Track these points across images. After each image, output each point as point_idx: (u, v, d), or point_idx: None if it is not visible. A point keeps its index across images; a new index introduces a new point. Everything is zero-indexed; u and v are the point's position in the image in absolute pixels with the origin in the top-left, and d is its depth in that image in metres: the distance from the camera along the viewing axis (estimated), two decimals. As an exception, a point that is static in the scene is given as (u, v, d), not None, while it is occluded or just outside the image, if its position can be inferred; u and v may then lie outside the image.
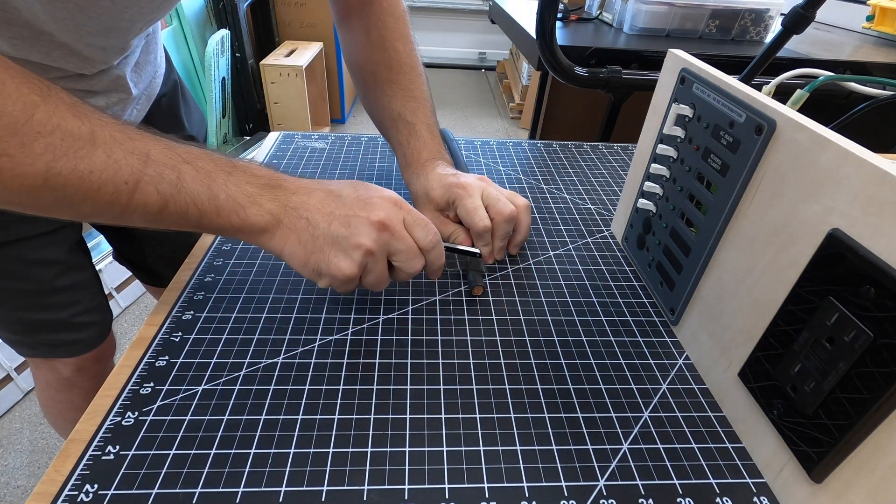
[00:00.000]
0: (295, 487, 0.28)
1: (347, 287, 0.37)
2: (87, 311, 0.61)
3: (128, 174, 0.30)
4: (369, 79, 0.54)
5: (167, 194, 0.32)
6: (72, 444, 0.30)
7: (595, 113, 1.46)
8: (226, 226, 0.34)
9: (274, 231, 0.35)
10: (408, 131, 0.51)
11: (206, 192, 0.33)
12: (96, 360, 0.65)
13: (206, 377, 0.35)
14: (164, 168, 0.32)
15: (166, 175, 0.32)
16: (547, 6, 0.79)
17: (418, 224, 0.38)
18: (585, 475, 0.30)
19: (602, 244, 0.52)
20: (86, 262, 0.61)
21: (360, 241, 0.35)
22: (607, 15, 1.18)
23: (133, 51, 0.51)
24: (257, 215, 0.35)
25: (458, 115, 3.01)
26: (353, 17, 0.54)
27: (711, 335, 0.36)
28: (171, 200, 0.32)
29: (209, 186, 0.33)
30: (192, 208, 0.33)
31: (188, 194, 0.32)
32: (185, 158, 0.33)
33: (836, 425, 0.25)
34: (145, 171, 0.31)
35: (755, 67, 0.68)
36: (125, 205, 0.31)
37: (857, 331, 0.24)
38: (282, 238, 0.36)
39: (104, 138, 0.30)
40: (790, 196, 0.29)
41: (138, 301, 1.51)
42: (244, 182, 0.35)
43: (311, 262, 0.35)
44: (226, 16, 2.02)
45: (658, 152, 0.43)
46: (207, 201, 0.33)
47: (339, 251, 0.35)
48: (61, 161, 0.28)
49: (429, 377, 0.36)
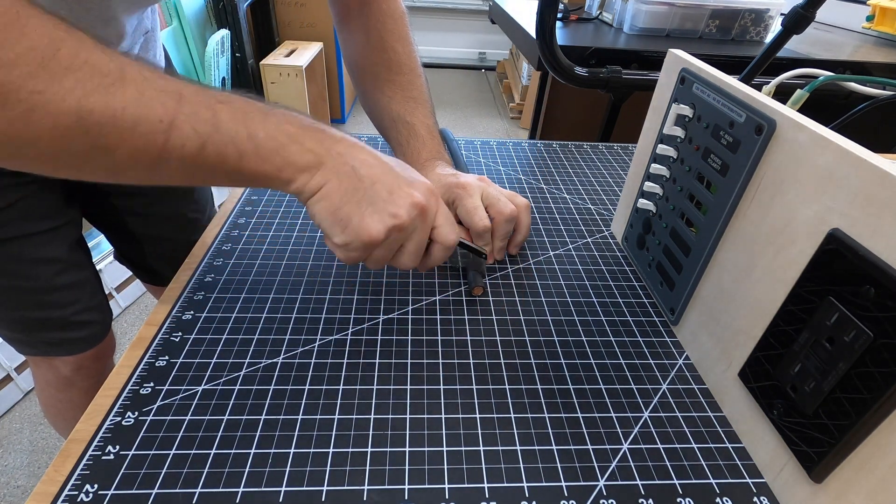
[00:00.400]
0: (295, 487, 0.28)
1: (359, 254, 0.36)
2: (87, 310, 0.61)
3: (162, 112, 0.29)
4: (368, 80, 0.54)
5: (204, 134, 0.30)
6: (72, 444, 0.30)
7: (595, 113, 1.46)
8: (266, 167, 0.33)
9: (314, 171, 0.34)
10: (407, 132, 0.51)
11: (245, 130, 0.31)
12: (96, 358, 0.65)
13: (206, 377, 0.35)
14: (199, 107, 0.30)
15: (202, 114, 0.30)
16: (547, 6, 0.79)
17: (447, 219, 0.38)
18: (585, 475, 0.30)
19: (602, 244, 0.52)
20: (86, 261, 0.61)
21: (398, 212, 0.34)
22: (607, 15, 1.18)
23: (132, 46, 0.51)
24: (298, 153, 0.33)
25: (458, 115, 3.01)
26: (353, 19, 0.54)
27: (711, 335, 0.36)
28: (209, 140, 0.30)
29: (247, 125, 0.32)
30: (230, 148, 0.31)
31: (226, 133, 0.31)
32: (219, 99, 0.32)
33: (836, 425, 0.25)
34: (180, 110, 0.29)
35: (755, 67, 0.68)
36: (161, 147, 0.29)
37: (857, 331, 0.24)
38: (322, 178, 0.34)
39: (134, 76, 0.28)
40: (790, 196, 0.29)
41: (138, 301, 1.51)
42: (284, 122, 0.33)
43: (343, 211, 0.34)
44: (226, 16, 2.02)
45: (658, 152, 0.43)
46: (247, 140, 0.31)
47: (375, 212, 0.34)
48: (93, 97, 0.27)
49: (429, 377, 0.36)
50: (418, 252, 0.37)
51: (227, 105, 0.31)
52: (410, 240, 0.37)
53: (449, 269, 0.47)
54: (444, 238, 0.38)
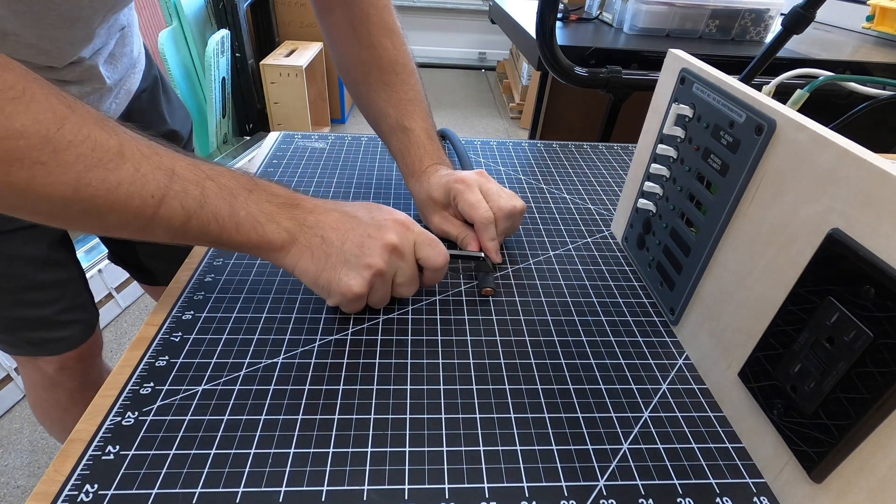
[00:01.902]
0: (295, 487, 0.28)
1: (355, 306, 0.38)
2: (70, 310, 0.60)
3: (154, 188, 0.31)
4: (361, 80, 0.53)
5: (191, 209, 0.33)
6: (72, 444, 0.30)
7: (595, 113, 1.46)
8: (244, 242, 0.35)
9: (289, 248, 0.37)
10: (407, 139, 0.51)
11: (228, 208, 0.34)
12: (80, 359, 0.64)
13: (206, 377, 0.35)
14: (189, 184, 0.33)
15: (191, 191, 0.33)
16: (547, 6, 0.79)
17: (429, 244, 0.39)
18: (585, 475, 0.30)
19: (602, 244, 0.52)
20: (68, 260, 0.59)
21: (372, 262, 0.36)
22: (607, 15, 1.18)
23: (106, 42, 0.50)
24: (275, 232, 0.36)
25: (458, 115, 3.01)
26: (335, 10, 0.52)
27: (711, 335, 0.36)
28: (194, 216, 0.33)
29: (231, 203, 0.34)
30: (213, 224, 0.34)
31: (210, 210, 0.33)
32: (208, 175, 0.34)
33: (836, 425, 0.25)
34: (171, 186, 0.32)
35: (755, 67, 0.68)
36: (150, 218, 0.32)
37: (857, 331, 0.24)
38: (296, 254, 0.37)
39: (132, 152, 0.31)
40: (790, 196, 0.29)
41: (138, 301, 1.51)
42: (264, 200, 0.36)
43: (322, 279, 0.36)
44: (226, 16, 2.02)
45: (658, 152, 0.43)
46: (228, 218, 0.34)
47: (350, 270, 0.36)
48: (91, 172, 0.29)
49: (429, 377, 0.36)
50: (412, 282, 0.39)
51: (215, 182, 0.34)
52: (398, 276, 0.39)
53: (450, 270, 0.47)
54: (433, 262, 0.39)
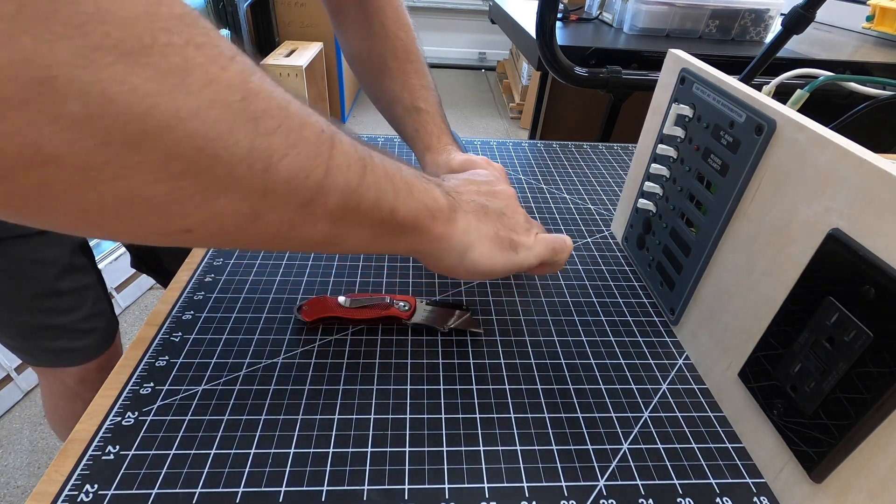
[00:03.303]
0: (295, 487, 0.28)
1: (560, 256, 0.37)
2: (91, 317, 0.59)
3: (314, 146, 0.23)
4: (375, 68, 0.53)
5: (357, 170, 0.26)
6: (72, 444, 0.30)
7: (595, 113, 1.46)
8: (418, 210, 0.29)
9: (456, 212, 0.31)
10: (423, 118, 0.51)
11: (394, 166, 0.28)
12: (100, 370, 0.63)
13: (206, 377, 0.35)
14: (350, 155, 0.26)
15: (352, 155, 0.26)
16: (547, 6, 0.79)
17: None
18: (585, 475, 0.30)
19: (602, 244, 0.52)
20: (89, 265, 0.59)
21: (522, 214, 0.37)
22: (607, 15, 1.18)
23: None
24: (442, 196, 0.31)
25: (458, 115, 3.01)
26: (349, 9, 0.53)
27: (711, 335, 0.36)
28: (370, 169, 0.26)
29: (394, 164, 0.29)
30: (385, 182, 0.27)
31: (380, 171, 0.27)
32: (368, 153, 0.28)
33: (836, 425, 0.25)
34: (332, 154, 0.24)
35: (755, 67, 0.68)
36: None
37: (857, 331, 0.24)
38: (464, 220, 0.32)
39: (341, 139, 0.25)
40: (790, 196, 0.29)
41: (138, 301, 1.51)
42: (405, 167, 0.30)
43: (503, 235, 0.33)
44: (226, 16, 2.02)
45: (658, 152, 0.43)
46: (399, 177, 0.28)
47: (517, 223, 0.36)
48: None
49: (429, 377, 0.36)
50: None
51: (373, 149, 0.28)
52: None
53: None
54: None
